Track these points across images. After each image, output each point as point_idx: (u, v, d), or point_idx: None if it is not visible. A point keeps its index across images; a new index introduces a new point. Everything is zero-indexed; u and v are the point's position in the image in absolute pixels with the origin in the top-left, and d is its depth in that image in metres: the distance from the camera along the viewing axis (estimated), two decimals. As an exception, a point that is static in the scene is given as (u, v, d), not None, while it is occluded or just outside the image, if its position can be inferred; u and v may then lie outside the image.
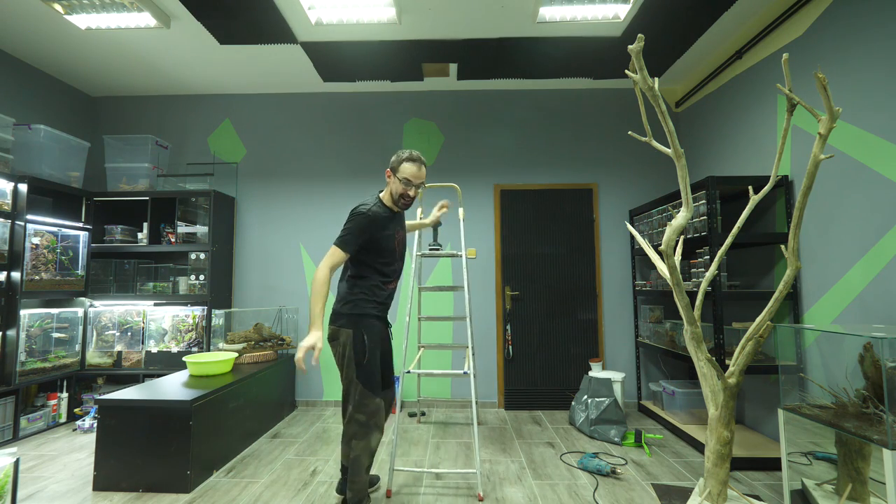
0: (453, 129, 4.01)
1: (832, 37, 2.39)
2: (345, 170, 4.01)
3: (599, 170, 3.96)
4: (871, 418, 1.69)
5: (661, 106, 1.66)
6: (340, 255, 1.83)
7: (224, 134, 4.08)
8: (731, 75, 3.24)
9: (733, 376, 1.88)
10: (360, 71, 3.63)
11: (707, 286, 2.02)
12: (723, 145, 3.34)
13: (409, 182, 1.93)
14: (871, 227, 2.15)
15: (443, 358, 3.82)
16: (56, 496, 2.20)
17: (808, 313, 2.54)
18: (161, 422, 2.28)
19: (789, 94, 1.70)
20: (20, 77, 3.45)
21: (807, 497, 1.94)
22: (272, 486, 2.33)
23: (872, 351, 1.74)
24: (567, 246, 3.89)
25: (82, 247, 3.54)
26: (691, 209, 1.78)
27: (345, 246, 1.84)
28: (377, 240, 1.91)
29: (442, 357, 3.82)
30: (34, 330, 3.17)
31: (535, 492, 2.25)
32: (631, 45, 1.57)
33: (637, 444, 2.84)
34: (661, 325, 3.42)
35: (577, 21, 2.93)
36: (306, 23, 2.97)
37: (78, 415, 3.34)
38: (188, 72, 3.69)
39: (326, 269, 1.79)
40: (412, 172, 1.93)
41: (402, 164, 1.93)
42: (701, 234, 2.74)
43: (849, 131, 2.27)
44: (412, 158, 1.94)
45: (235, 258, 3.98)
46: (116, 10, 2.80)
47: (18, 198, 3.06)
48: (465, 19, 2.95)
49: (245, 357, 3.28)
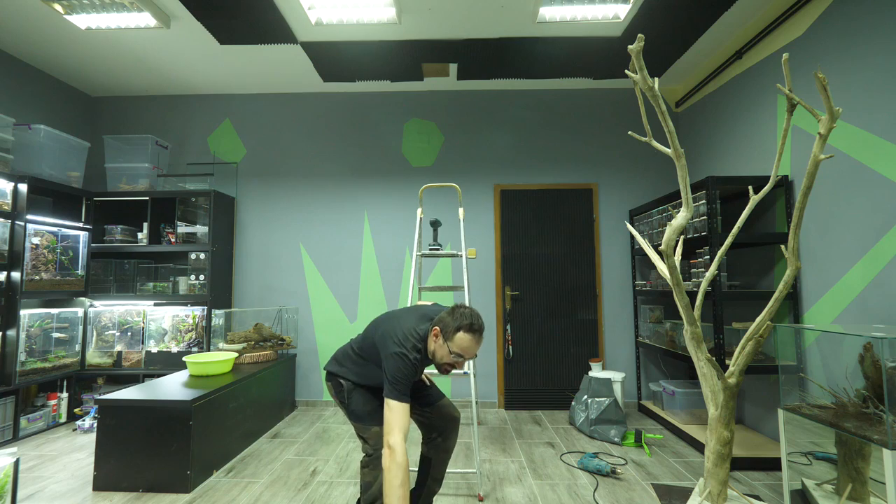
0: (453, 129, 4.01)
1: (832, 37, 2.39)
2: (345, 170, 4.01)
3: (599, 170, 3.96)
4: (871, 418, 1.69)
5: (661, 106, 1.66)
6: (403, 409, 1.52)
7: (224, 134, 4.08)
8: (731, 75, 3.24)
9: (733, 376, 1.88)
10: (360, 71, 3.64)
11: (707, 286, 2.02)
12: (723, 145, 3.34)
13: (460, 356, 1.59)
14: (871, 227, 2.15)
15: (443, 358, 3.81)
16: (56, 496, 2.20)
17: (808, 313, 2.54)
18: (161, 422, 2.28)
19: (789, 94, 1.70)
20: (20, 77, 3.45)
21: (807, 497, 1.94)
22: (272, 486, 2.33)
23: (872, 351, 1.74)
24: (567, 246, 3.89)
25: (82, 247, 3.54)
26: (691, 209, 1.78)
27: (402, 397, 1.53)
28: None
29: (442, 357, 3.81)
30: (34, 330, 3.17)
31: (535, 492, 2.25)
32: (631, 45, 1.57)
33: (637, 444, 2.84)
34: (661, 325, 3.42)
35: (577, 21, 2.93)
36: (306, 23, 2.97)
37: (78, 415, 3.34)
38: (188, 72, 3.69)
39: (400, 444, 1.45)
40: (467, 347, 1.57)
41: (458, 334, 1.57)
42: (701, 234, 2.74)
43: (849, 131, 2.27)
44: (472, 329, 1.56)
45: (235, 258, 3.98)
46: (116, 10, 2.80)
47: (18, 198, 3.06)
48: (465, 19, 2.95)
49: (245, 357, 3.28)
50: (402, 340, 1.62)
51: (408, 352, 1.59)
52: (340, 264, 3.92)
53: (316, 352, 3.88)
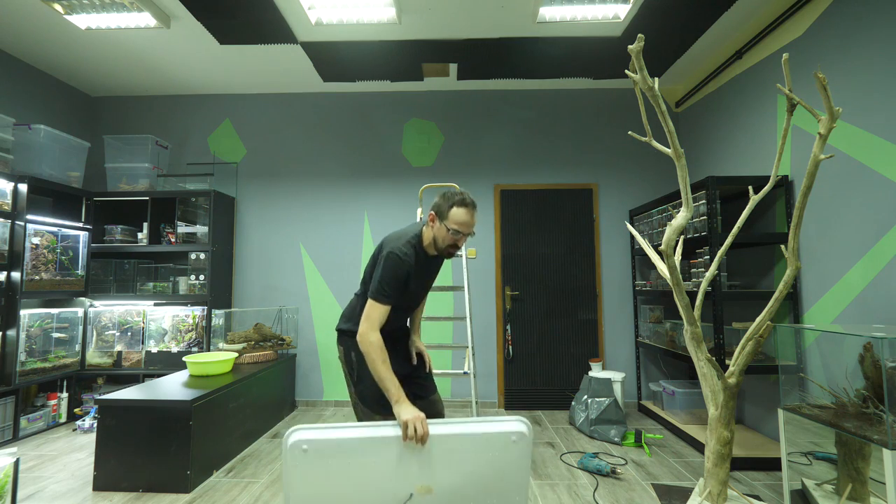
0: (453, 129, 4.01)
1: (832, 37, 2.39)
2: (345, 170, 4.01)
3: (599, 170, 3.96)
4: (871, 418, 1.69)
5: (661, 106, 1.66)
6: (380, 309, 1.53)
7: (224, 134, 4.08)
8: (731, 75, 3.24)
9: (733, 376, 1.88)
10: (360, 71, 3.64)
11: (707, 286, 2.02)
12: (723, 145, 3.34)
13: (458, 232, 1.59)
14: (871, 228, 2.15)
15: (443, 358, 3.82)
16: (56, 496, 2.20)
17: (808, 313, 2.54)
18: (161, 422, 2.28)
19: (789, 94, 1.70)
20: (20, 77, 3.45)
21: (807, 497, 1.94)
22: (272, 486, 2.33)
23: (872, 351, 1.74)
24: (567, 246, 3.89)
25: (82, 247, 3.54)
26: (691, 209, 1.78)
27: (382, 298, 1.54)
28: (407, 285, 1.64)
29: (442, 357, 3.82)
30: (34, 330, 3.17)
31: (535, 492, 2.25)
32: (631, 45, 1.57)
33: (637, 444, 2.84)
34: (661, 325, 3.42)
35: (576, 21, 2.93)
36: (306, 23, 2.97)
37: (78, 415, 3.34)
38: (188, 72, 3.69)
39: (370, 332, 1.50)
40: (463, 220, 1.58)
41: (451, 210, 1.58)
42: (701, 234, 2.74)
43: (849, 131, 2.27)
44: (465, 203, 1.59)
45: (235, 258, 3.98)
46: (116, 10, 2.80)
47: (18, 198, 3.06)
48: (465, 19, 2.95)
49: (245, 357, 3.28)
50: (393, 241, 1.63)
51: (399, 249, 1.58)
52: (340, 264, 3.92)
53: (316, 352, 3.88)
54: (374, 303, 1.54)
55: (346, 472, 1.30)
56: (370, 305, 1.54)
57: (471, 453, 1.34)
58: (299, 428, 1.30)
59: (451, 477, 1.33)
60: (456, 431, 1.35)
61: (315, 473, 1.29)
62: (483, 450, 1.34)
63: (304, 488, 1.29)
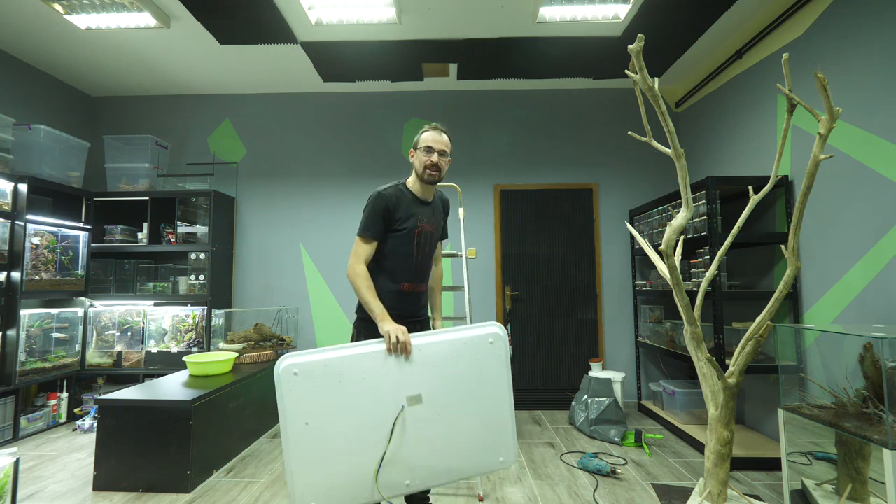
0: (453, 129, 3.99)
1: (832, 37, 2.39)
2: (345, 170, 4.01)
3: (599, 170, 3.96)
4: (871, 418, 1.69)
5: (661, 106, 1.66)
6: (363, 245, 1.66)
7: (224, 134, 4.08)
8: (731, 75, 3.24)
9: (733, 376, 1.88)
10: (360, 71, 3.63)
11: (707, 286, 2.02)
12: (723, 145, 3.34)
13: (430, 149, 1.71)
14: (871, 228, 2.15)
15: (443, 358, 3.81)
16: (56, 496, 2.20)
17: (808, 313, 2.54)
18: (161, 422, 2.28)
19: (789, 94, 1.70)
20: (20, 77, 3.45)
21: (807, 497, 1.94)
22: (272, 486, 2.33)
23: (872, 351, 1.74)
24: (567, 246, 3.89)
25: (82, 247, 3.54)
26: (691, 209, 1.78)
27: (364, 232, 1.66)
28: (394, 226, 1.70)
29: (442, 357, 3.81)
30: (34, 330, 3.17)
31: (535, 492, 2.25)
32: (631, 45, 1.57)
33: (637, 444, 2.84)
34: (661, 325, 3.42)
35: (576, 21, 2.93)
36: (306, 23, 2.97)
37: (78, 415, 3.34)
38: (188, 72, 3.69)
39: (355, 264, 1.63)
40: (432, 138, 1.72)
41: (421, 136, 1.74)
42: (701, 234, 2.74)
43: (849, 131, 2.27)
44: (432, 128, 1.75)
45: (235, 258, 3.98)
46: (116, 10, 2.80)
47: (18, 198, 3.06)
48: (465, 19, 2.95)
49: (245, 357, 3.28)
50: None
51: (380, 188, 1.72)
52: (340, 264, 3.92)
53: (316, 352, 3.87)
54: (359, 239, 1.68)
55: (338, 391, 1.35)
56: (355, 243, 1.68)
57: (452, 359, 1.44)
58: (289, 355, 1.36)
59: (436, 384, 1.41)
60: (436, 339, 1.44)
61: (308, 396, 1.33)
62: (463, 354, 1.44)
63: (300, 412, 1.32)
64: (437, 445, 1.41)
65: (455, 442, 1.42)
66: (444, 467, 1.42)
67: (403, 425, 1.38)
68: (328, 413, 1.34)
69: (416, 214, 1.73)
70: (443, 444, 1.41)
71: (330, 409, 1.34)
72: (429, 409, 1.40)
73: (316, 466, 1.31)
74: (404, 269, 1.72)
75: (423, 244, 1.76)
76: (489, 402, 1.46)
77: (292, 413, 1.32)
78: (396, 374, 1.39)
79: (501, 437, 1.47)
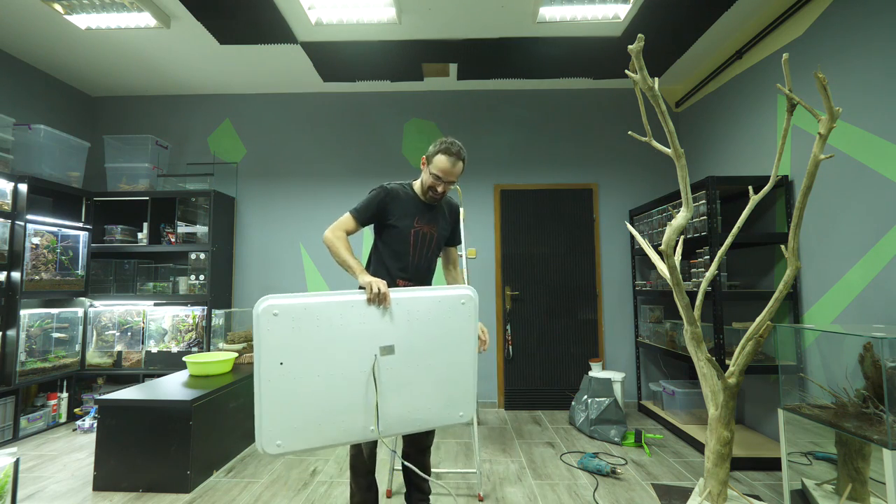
0: (453, 129, 4.01)
1: (832, 37, 2.39)
2: (345, 170, 4.01)
3: (599, 170, 3.96)
4: (871, 418, 1.69)
5: (661, 106, 1.66)
6: (349, 220, 1.72)
7: (224, 134, 4.08)
8: (731, 75, 3.24)
9: (733, 376, 1.88)
10: (360, 71, 3.63)
11: (707, 286, 2.02)
12: (723, 145, 3.34)
13: (438, 178, 1.71)
14: (870, 228, 2.15)
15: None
16: (56, 496, 2.20)
17: (808, 313, 2.54)
18: (161, 422, 2.28)
19: (789, 94, 1.70)
20: (20, 77, 3.45)
21: (807, 497, 1.94)
22: (272, 486, 2.33)
23: (872, 351, 1.74)
24: (567, 246, 3.89)
25: (82, 247, 3.54)
26: (691, 209, 1.78)
27: (354, 212, 1.73)
28: (390, 221, 1.75)
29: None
30: (34, 330, 3.17)
31: (535, 492, 2.25)
32: (631, 45, 1.57)
33: (637, 444, 2.84)
34: (661, 325, 3.42)
35: (576, 21, 2.93)
36: (306, 23, 2.97)
37: (78, 415, 3.34)
38: (188, 72, 3.69)
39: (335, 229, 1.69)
40: (444, 168, 1.69)
41: (436, 156, 1.71)
42: (701, 234, 2.74)
43: (849, 131, 2.27)
44: (449, 151, 1.69)
45: (235, 258, 3.98)
46: (116, 10, 2.80)
47: (18, 198, 3.06)
48: (465, 19, 2.95)
49: (245, 357, 3.28)
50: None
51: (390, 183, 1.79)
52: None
53: (316, 352, 3.87)
54: (348, 214, 1.74)
55: (315, 335, 1.38)
56: (343, 216, 1.74)
57: (426, 314, 1.51)
58: (270, 297, 1.39)
59: (408, 337, 1.48)
60: (414, 295, 1.52)
61: (286, 337, 1.36)
62: (436, 310, 1.52)
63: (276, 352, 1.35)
64: (403, 396, 1.47)
65: (420, 394, 1.49)
66: (409, 417, 1.48)
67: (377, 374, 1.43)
68: (303, 356, 1.36)
69: (415, 215, 1.78)
70: (409, 396, 1.48)
71: (305, 352, 1.37)
72: (399, 360, 1.46)
73: (285, 407, 1.34)
74: (400, 267, 1.78)
75: (420, 245, 1.80)
76: (455, 360, 1.54)
77: (268, 353, 1.34)
78: (373, 323, 1.44)
79: (463, 393, 1.55)
